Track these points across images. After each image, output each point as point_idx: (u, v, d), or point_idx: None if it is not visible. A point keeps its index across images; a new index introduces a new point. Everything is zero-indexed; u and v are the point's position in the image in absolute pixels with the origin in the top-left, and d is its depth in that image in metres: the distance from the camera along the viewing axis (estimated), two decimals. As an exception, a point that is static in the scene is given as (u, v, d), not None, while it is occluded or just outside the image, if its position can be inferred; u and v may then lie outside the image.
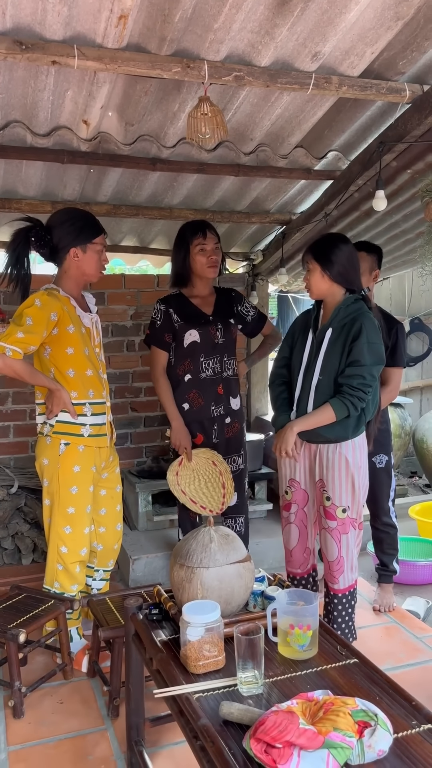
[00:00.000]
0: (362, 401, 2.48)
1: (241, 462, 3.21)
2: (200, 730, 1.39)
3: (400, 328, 3.08)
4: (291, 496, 2.72)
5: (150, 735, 2.15)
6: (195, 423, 3.10)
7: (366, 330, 2.49)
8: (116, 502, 2.92)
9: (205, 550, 1.79)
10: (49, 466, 2.64)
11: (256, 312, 3.23)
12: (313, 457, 2.62)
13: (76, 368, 2.64)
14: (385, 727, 1.30)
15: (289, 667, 1.64)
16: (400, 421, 5.13)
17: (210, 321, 3.09)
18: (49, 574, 2.71)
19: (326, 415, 2.49)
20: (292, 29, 2.14)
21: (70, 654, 2.63)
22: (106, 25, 2.01)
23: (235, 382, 3.19)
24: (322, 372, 2.55)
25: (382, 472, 3.16)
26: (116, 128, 2.71)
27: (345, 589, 2.63)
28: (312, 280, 2.58)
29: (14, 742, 2.23)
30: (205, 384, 3.08)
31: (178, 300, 3.11)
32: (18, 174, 3.12)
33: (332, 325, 2.56)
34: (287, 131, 2.84)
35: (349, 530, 2.58)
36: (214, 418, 3.11)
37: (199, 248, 2.98)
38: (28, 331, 2.44)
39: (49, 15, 1.98)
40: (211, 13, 2.03)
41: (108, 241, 4.13)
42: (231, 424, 3.16)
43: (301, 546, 2.75)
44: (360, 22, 2.16)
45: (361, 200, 3.25)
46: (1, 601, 2.63)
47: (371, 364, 2.48)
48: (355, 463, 2.55)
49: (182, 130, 2.67)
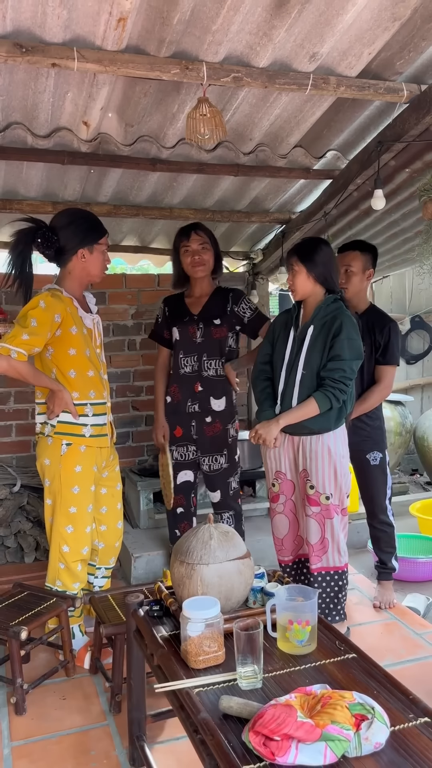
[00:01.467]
0: (343, 393, 2.61)
1: (224, 461, 3.22)
2: (200, 724, 1.41)
3: (393, 326, 3.09)
4: (278, 488, 2.81)
5: (151, 730, 2.17)
6: (173, 415, 3.24)
7: (346, 327, 2.61)
8: (117, 501, 2.95)
9: (205, 547, 1.81)
10: (50, 467, 2.66)
11: (255, 313, 3.22)
12: (297, 448, 2.72)
13: (78, 369, 2.66)
14: (381, 720, 1.32)
15: (288, 662, 1.66)
16: (400, 419, 5.14)
17: (192, 320, 3.16)
18: (51, 573, 2.74)
19: (310, 408, 2.61)
20: (290, 30, 2.15)
21: (72, 651, 2.65)
22: (105, 27, 2.03)
23: (219, 383, 3.18)
24: (305, 367, 2.65)
25: (376, 470, 3.17)
26: (116, 129, 2.73)
27: (329, 568, 2.70)
28: (297, 282, 2.69)
29: (17, 737, 2.26)
30: (183, 380, 3.19)
31: (175, 299, 3.27)
32: (19, 175, 3.14)
33: (314, 322, 2.67)
34: (286, 131, 2.86)
35: (334, 515, 2.68)
36: (189, 414, 3.18)
37: (184, 249, 3.09)
38: (33, 332, 2.46)
39: (48, 18, 1.99)
40: (209, 15, 2.04)
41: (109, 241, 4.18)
42: (212, 423, 3.19)
43: (291, 534, 2.83)
44: (357, 23, 2.17)
45: (360, 199, 3.26)
46: (3, 599, 2.66)
47: (351, 358, 2.61)
48: (338, 452, 2.67)
49: (182, 131, 2.69)
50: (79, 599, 2.68)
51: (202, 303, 3.18)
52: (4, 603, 2.62)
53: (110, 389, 4.22)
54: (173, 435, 3.23)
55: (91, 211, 3.44)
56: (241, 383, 4.57)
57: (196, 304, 3.19)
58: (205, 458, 3.22)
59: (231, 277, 4.57)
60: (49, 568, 2.75)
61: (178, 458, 3.25)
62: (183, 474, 3.26)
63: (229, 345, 3.21)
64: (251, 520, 3.94)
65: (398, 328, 3.15)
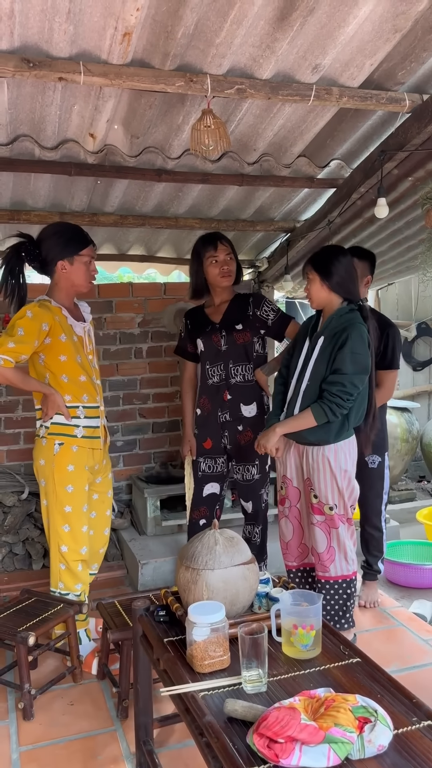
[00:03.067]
0: (341, 408, 2.56)
1: (255, 472, 3.16)
2: (205, 727, 1.43)
3: (392, 330, 3.11)
4: (285, 492, 2.83)
5: (158, 735, 2.19)
6: (204, 428, 3.22)
7: (352, 340, 2.57)
8: (107, 507, 3.00)
9: (210, 552, 1.83)
10: (45, 467, 2.74)
11: (278, 315, 3.17)
12: (301, 457, 2.74)
13: (70, 374, 2.75)
14: (384, 723, 1.33)
15: (293, 666, 1.67)
16: (407, 426, 5.15)
17: (215, 329, 3.15)
18: (54, 575, 2.79)
19: (306, 419, 2.61)
20: (293, 43, 2.19)
21: (79, 657, 2.67)
22: (110, 42, 2.07)
23: (249, 389, 3.15)
24: (311, 378, 2.66)
25: (374, 473, 3.19)
26: (122, 141, 2.77)
27: (337, 576, 2.70)
28: (312, 290, 2.70)
29: (26, 742, 2.27)
30: (212, 390, 3.18)
31: (196, 311, 3.29)
32: (27, 186, 3.19)
33: (324, 333, 2.67)
34: (290, 141, 2.89)
35: (339, 524, 2.68)
36: (221, 423, 3.17)
37: (211, 260, 3.08)
38: (20, 341, 2.55)
39: (55, 33, 2.04)
40: (212, 28, 2.08)
41: (115, 251, 4.24)
42: (243, 431, 3.15)
43: (296, 540, 2.84)
44: (359, 35, 2.21)
45: (364, 208, 3.29)
46: (11, 605, 2.68)
47: (353, 373, 2.56)
48: (338, 466, 2.64)
49: (186, 142, 2.73)
50: (86, 605, 2.70)
51: (222, 311, 3.17)
52: (12, 609, 2.65)
53: (117, 397, 4.29)
54: (203, 447, 3.21)
55: (97, 221, 3.52)
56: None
57: (216, 312, 3.19)
58: (239, 467, 3.19)
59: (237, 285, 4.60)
60: (51, 572, 2.80)
61: (206, 470, 3.22)
62: (209, 486, 3.24)
63: (256, 350, 3.16)
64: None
65: (398, 333, 3.17)
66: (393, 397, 3.91)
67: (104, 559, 3.80)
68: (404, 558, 3.75)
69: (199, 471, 3.23)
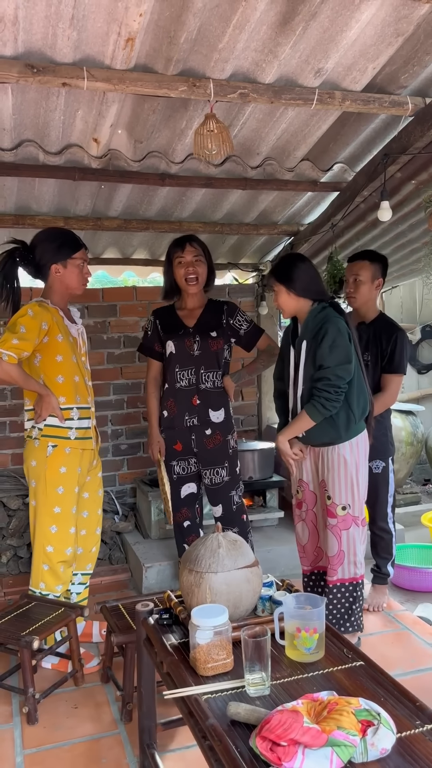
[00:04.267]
0: (331, 401, 2.58)
1: (225, 474, 3.18)
2: (208, 730, 1.43)
3: (400, 335, 3.11)
4: (301, 496, 2.85)
5: (162, 738, 2.19)
6: (171, 430, 3.19)
7: (329, 334, 2.59)
8: (97, 506, 3.02)
9: (213, 555, 1.83)
10: (36, 468, 2.76)
11: (250, 326, 3.20)
12: (317, 458, 2.75)
13: (65, 374, 2.77)
14: (387, 726, 1.33)
15: (296, 669, 1.67)
16: (412, 429, 5.13)
17: (188, 333, 3.13)
18: (35, 575, 2.79)
19: (303, 421, 2.65)
20: (295, 47, 2.20)
21: (80, 660, 2.67)
22: (114, 47, 2.09)
23: (217, 395, 3.16)
24: (304, 381, 2.69)
25: (379, 478, 3.20)
26: (126, 145, 2.79)
27: (344, 580, 2.71)
28: (280, 301, 2.73)
29: (30, 745, 2.28)
30: (180, 394, 3.15)
31: (167, 311, 3.23)
32: (31, 191, 3.20)
33: (305, 336, 2.69)
34: (293, 145, 2.90)
35: (351, 526, 2.69)
36: (188, 427, 3.15)
37: (178, 261, 3.07)
38: (22, 338, 2.58)
39: (59, 39, 2.05)
40: (215, 33, 2.09)
41: (119, 254, 4.25)
42: (212, 435, 3.16)
43: (312, 544, 2.86)
44: (361, 39, 2.21)
45: (367, 211, 3.29)
46: (11, 610, 2.67)
47: (335, 364, 2.58)
48: (354, 462, 2.68)
49: (190, 146, 2.74)
50: (86, 608, 2.71)
51: (196, 315, 3.16)
52: (13, 614, 2.63)
53: (122, 400, 4.30)
54: (174, 450, 3.20)
55: (102, 225, 3.54)
56: (250, 393, 4.62)
57: (189, 316, 3.16)
58: (207, 471, 3.20)
59: (240, 289, 4.61)
60: (32, 571, 2.81)
61: (180, 472, 3.23)
62: (186, 487, 3.25)
63: (225, 357, 3.19)
64: (262, 530, 3.95)
65: (406, 337, 3.16)
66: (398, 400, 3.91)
67: (109, 562, 3.83)
68: (409, 561, 3.74)
69: (173, 474, 3.23)
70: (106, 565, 3.83)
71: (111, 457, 4.32)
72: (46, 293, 2.84)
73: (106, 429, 4.30)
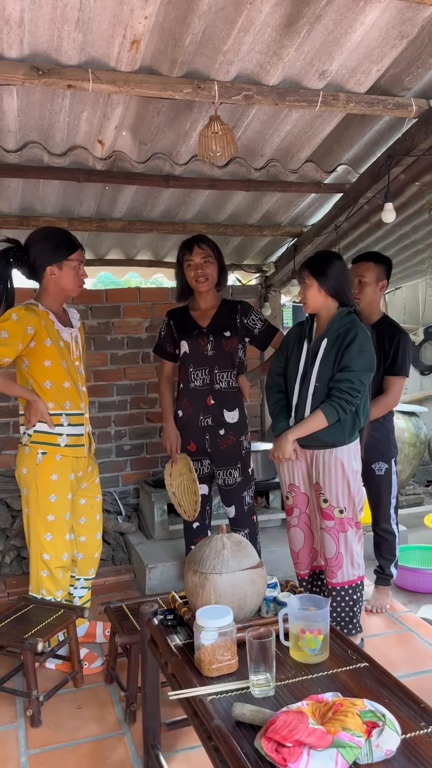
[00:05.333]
0: (350, 404, 2.59)
1: (237, 475, 3.18)
2: (213, 731, 1.43)
3: (404, 337, 3.11)
4: (292, 501, 2.83)
5: (166, 739, 2.19)
6: (186, 430, 3.20)
7: (359, 338, 2.60)
8: (96, 512, 2.98)
9: (218, 556, 1.83)
10: (27, 475, 2.71)
11: (265, 325, 3.20)
12: (310, 461, 2.73)
13: (53, 380, 2.71)
14: (392, 727, 1.33)
15: (301, 670, 1.67)
16: (415, 430, 5.14)
17: (202, 333, 3.13)
18: (35, 582, 2.77)
19: (318, 421, 2.61)
20: (300, 49, 2.20)
21: (80, 662, 2.67)
22: (119, 49, 2.09)
23: (232, 395, 3.16)
24: (318, 379, 2.66)
25: (382, 480, 3.19)
26: (130, 147, 2.79)
27: (344, 582, 2.71)
28: (308, 295, 2.70)
29: (34, 746, 2.28)
30: (194, 394, 3.15)
31: (180, 312, 3.24)
32: (36, 192, 3.21)
33: (327, 335, 2.68)
34: (297, 147, 2.90)
35: (348, 529, 2.68)
36: (202, 427, 3.15)
37: (187, 263, 3.08)
38: (3, 343, 2.53)
39: (64, 41, 2.06)
40: (220, 36, 2.10)
41: (123, 256, 4.26)
42: (225, 436, 3.15)
43: (306, 548, 2.85)
44: (365, 41, 2.22)
45: (371, 212, 3.30)
46: (10, 613, 2.65)
47: (360, 370, 2.59)
48: (350, 467, 2.66)
49: (194, 148, 2.74)
50: (86, 610, 2.71)
51: (209, 316, 3.16)
52: (12, 617, 2.61)
53: (125, 401, 4.30)
54: (188, 450, 3.20)
55: (105, 226, 3.54)
56: (253, 394, 4.62)
57: (203, 317, 3.17)
58: (220, 472, 3.20)
59: (244, 290, 4.62)
60: (31, 578, 2.79)
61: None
62: (199, 488, 3.24)
63: (240, 357, 3.19)
64: (265, 531, 3.95)
65: (409, 340, 3.16)
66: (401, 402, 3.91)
67: (112, 563, 3.84)
68: (412, 563, 3.74)
69: (193, 469, 3.20)
70: (110, 565, 3.84)
71: (114, 458, 4.33)
72: (40, 295, 2.78)
73: (110, 430, 4.31)
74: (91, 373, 4.20)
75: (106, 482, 4.28)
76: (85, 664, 2.74)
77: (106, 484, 4.27)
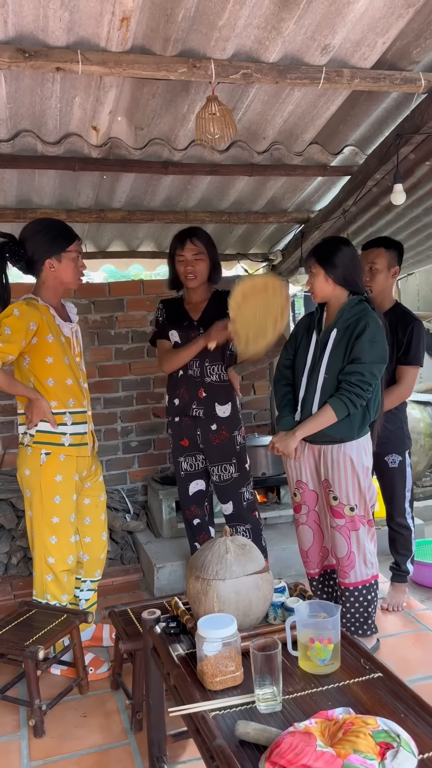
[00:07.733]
0: (360, 398, 2.47)
1: (233, 471, 3.10)
2: (215, 751, 1.34)
3: (417, 325, 2.99)
4: (300, 498, 2.72)
5: (172, 750, 2.10)
6: (179, 424, 3.12)
7: (370, 329, 2.48)
8: (101, 511, 2.89)
9: (221, 561, 1.74)
10: (30, 477, 2.62)
11: None
12: (318, 457, 2.62)
13: (56, 377, 2.62)
14: (408, 748, 1.23)
15: (310, 682, 1.58)
16: (430, 420, 5.00)
17: (193, 325, 3.06)
18: (39, 586, 2.68)
19: (327, 416, 2.50)
20: (300, 22, 2.08)
21: (85, 668, 2.59)
22: (108, 28, 1.99)
23: (223, 389, 3.08)
24: (327, 371, 2.55)
25: (395, 472, 3.09)
26: (126, 133, 2.69)
27: (357, 582, 2.61)
28: (315, 284, 2.59)
29: (37, 757, 2.20)
30: (190, 382, 3.07)
31: (174, 302, 3.19)
32: (31, 183, 3.12)
33: (337, 325, 2.56)
34: (301, 128, 2.78)
35: (359, 527, 2.57)
36: (194, 417, 3.07)
37: (179, 258, 3.00)
38: (7, 340, 2.43)
39: (50, 21, 1.95)
40: (214, 10, 1.98)
41: (126, 248, 4.16)
42: (218, 431, 3.07)
43: (316, 546, 2.75)
44: (369, 12, 2.10)
45: (380, 195, 3.17)
46: (12, 619, 2.57)
47: (371, 362, 2.47)
48: (360, 463, 2.55)
49: (193, 132, 2.62)
50: (91, 614, 2.64)
51: (201, 309, 3.08)
52: (14, 623, 2.53)
53: (131, 397, 4.22)
54: (180, 445, 3.13)
55: (105, 217, 3.44)
56: (262, 387, 4.52)
57: (194, 309, 3.10)
58: (214, 468, 3.12)
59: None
60: (35, 582, 2.70)
61: (188, 468, 3.16)
62: (195, 484, 3.19)
63: (230, 349, 3.09)
64: (276, 528, 3.86)
65: (423, 328, 3.04)
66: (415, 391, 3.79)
67: (120, 562, 3.76)
68: (429, 558, 3.62)
69: (181, 470, 3.17)
70: (118, 565, 3.76)
71: (121, 455, 4.25)
72: (38, 289, 2.68)
73: (116, 426, 4.22)
74: (95, 368, 4.12)
75: (113, 480, 4.20)
76: (91, 669, 2.66)
77: (113, 481, 4.20)
